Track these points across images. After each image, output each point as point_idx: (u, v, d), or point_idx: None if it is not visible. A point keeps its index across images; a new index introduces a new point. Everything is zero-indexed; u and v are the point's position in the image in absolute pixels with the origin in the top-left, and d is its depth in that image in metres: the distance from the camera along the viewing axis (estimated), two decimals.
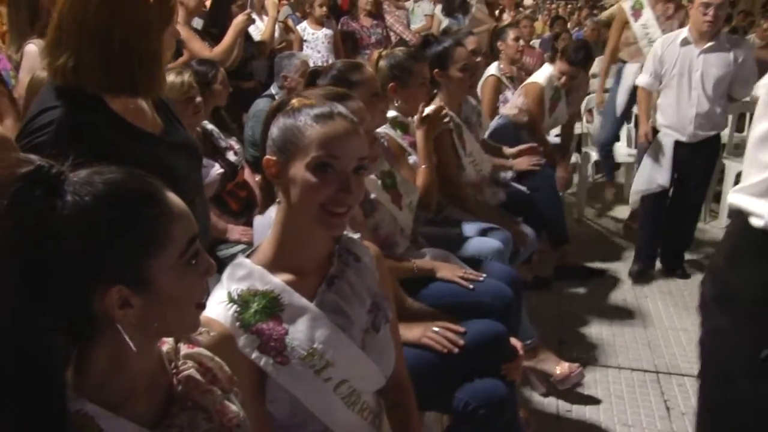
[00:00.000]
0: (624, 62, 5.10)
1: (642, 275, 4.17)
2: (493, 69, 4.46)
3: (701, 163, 4.03)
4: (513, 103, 4.22)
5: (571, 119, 4.70)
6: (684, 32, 3.89)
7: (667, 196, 4.12)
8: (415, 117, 2.70)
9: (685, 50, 3.87)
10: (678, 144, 3.94)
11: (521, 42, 4.56)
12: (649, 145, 4.08)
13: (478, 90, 4.27)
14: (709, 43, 3.79)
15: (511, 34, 4.51)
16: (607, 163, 5.33)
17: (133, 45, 1.56)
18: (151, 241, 0.98)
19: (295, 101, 1.47)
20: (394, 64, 2.76)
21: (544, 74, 4.25)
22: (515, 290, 2.42)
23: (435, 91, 3.20)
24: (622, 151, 5.47)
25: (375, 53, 2.89)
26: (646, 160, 4.06)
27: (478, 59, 3.78)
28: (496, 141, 3.93)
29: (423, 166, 2.66)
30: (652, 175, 4.03)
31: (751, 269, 1.48)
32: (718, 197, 5.22)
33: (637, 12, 4.95)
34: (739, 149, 5.74)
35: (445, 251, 2.53)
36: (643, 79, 4.10)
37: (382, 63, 2.76)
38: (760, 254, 1.46)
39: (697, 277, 4.17)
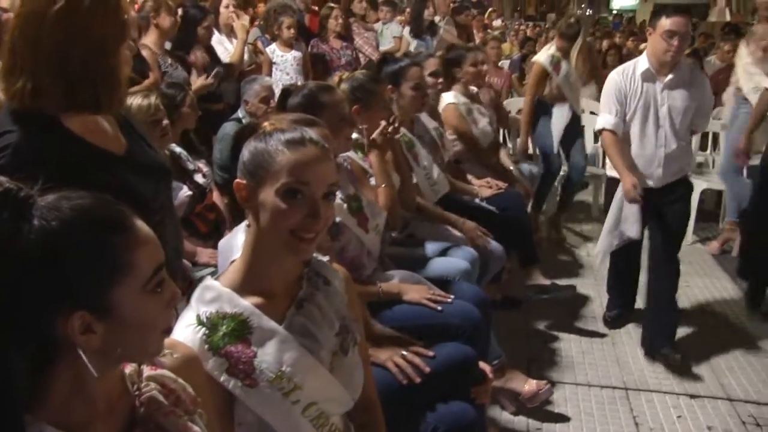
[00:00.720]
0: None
1: (619, 319, 3.92)
2: (450, 97, 4.23)
3: (675, 207, 3.52)
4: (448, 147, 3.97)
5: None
6: (643, 63, 3.44)
7: (640, 246, 3.68)
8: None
9: (648, 84, 3.43)
10: (646, 191, 3.39)
11: (484, 66, 4.52)
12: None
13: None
14: (671, 75, 3.39)
15: (469, 59, 4.32)
16: (568, 192, 5.38)
17: (92, 63, 1.56)
18: (116, 268, 0.98)
19: (267, 125, 1.48)
20: (356, 86, 2.79)
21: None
22: (483, 311, 2.44)
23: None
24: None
25: (336, 77, 2.93)
26: (611, 215, 3.56)
27: (440, 80, 3.82)
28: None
29: (383, 186, 2.68)
30: (619, 229, 3.53)
31: None
32: None
33: (557, 66, 5.08)
34: (701, 168, 5.88)
35: (413, 273, 2.54)
36: (607, 121, 3.47)
37: (344, 86, 2.80)
38: None
39: None
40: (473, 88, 4.51)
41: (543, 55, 5.18)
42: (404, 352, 2.05)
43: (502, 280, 3.76)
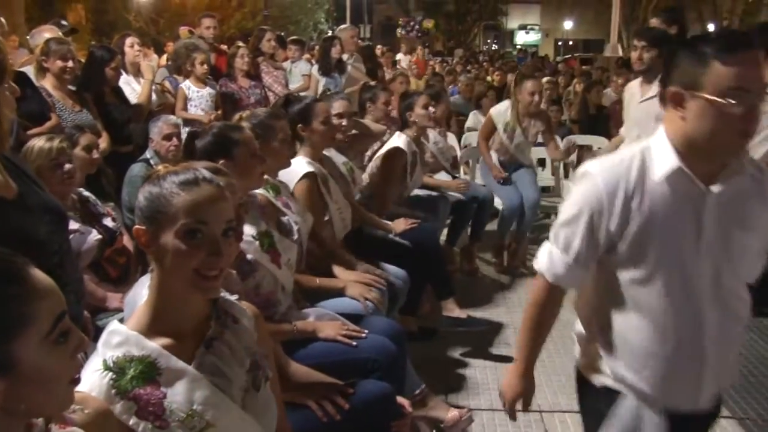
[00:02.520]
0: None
1: None
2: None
3: None
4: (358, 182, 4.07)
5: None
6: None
7: None
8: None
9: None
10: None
11: (390, 107, 4.69)
12: None
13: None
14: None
15: (381, 98, 4.52)
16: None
17: None
18: (14, 321, 0.95)
19: (160, 168, 1.50)
20: (257, 123, 2.82)
21: (399, 141, 4.32)
22: (398, 343, 2.48)
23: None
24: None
25: (236, 116, 2.94)
26: None
27: (345, 121, 3.88)
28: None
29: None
30: None
31: None
32: None
33: (511, 134, 5.31)
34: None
35: (328, 310, 2.57)
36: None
37: (245, 124, 2.82)
38: None
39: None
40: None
41: (500, 116, 5.38)
42: (323, 390, 2.07)
43: (419, 312, 3.82)
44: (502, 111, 5.39)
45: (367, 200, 4.16)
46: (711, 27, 30.08)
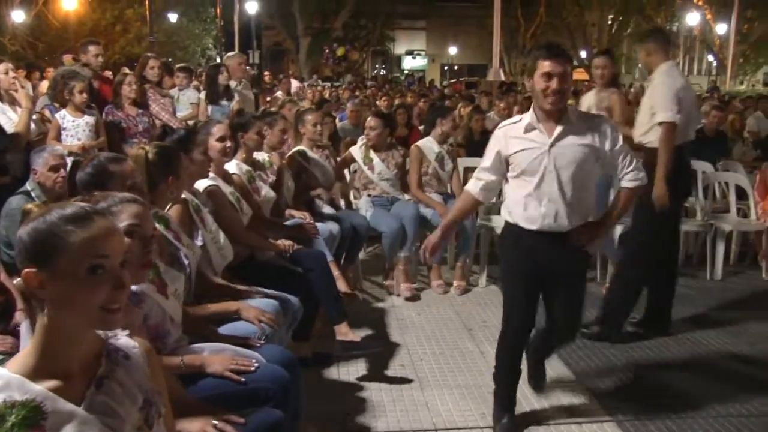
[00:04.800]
0: None
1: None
2: (232, 167, 4.23)
3: None
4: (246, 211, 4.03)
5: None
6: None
7: None
8: None
9: None
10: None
11: (285, 135, 4.80)
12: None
13: None
14: None
15: (254, 128, 4.48)
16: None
17: None
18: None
19: (31, 206, 1.47)
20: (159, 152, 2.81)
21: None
22: (291, 370, 2.49)
23: None
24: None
25: (135, 150, 2.92)
26: None
27: (228, 145, 3.89)
28: None
29: None
30: None
31: None
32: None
33: (370, 165, 5.59)
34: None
35: (222, 344, 2.56)
36: None
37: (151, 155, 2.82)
38: None
39: (461, 336, 4.53)
40: (261, 154, 4.73)
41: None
42: (215, 421, 2.05)
43: (311, 338, 3.84)
44: (357, 147, 5.71)
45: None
46: (583, 53, 34.50)
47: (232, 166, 4.21)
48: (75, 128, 5.38)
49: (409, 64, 49.44)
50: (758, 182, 6.28)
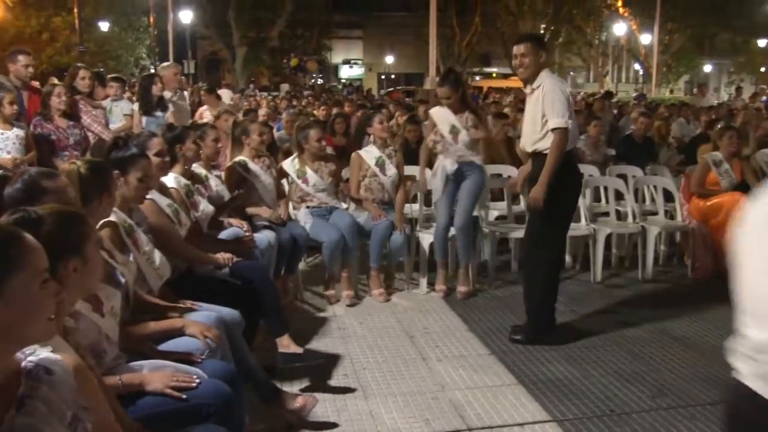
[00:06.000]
0: None
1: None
2: (170, 181, 4.16)
3: None
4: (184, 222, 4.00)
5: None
6: None
7: None
8: None
9: None
10: None
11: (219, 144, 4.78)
12: None
13: None
14: None
15: (190, 138, 4.46)
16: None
17: None
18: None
19: None
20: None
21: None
22: (234, 385, 2.47)
23: None
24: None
25: (67, 165, 2.84)
26: None
27: (166, 159, 3.86)
28: None
29: None
30: None
31: None
32: None
33: (304, 179, 5.57)
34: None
35: (161, 361, 2.52)
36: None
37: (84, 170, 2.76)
38: None
39: (403, 344, 4.56)
40: (198, 167, 4.69)
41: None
42: None
43: (253, 351, 3.80)
44: (289, 161, 5.69)
45: None
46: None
47: (170, 180, 4.14)
48: (4, 141, 5.22)
49: (346, 73, 49.51)
50: (683, 185, 6.53)
